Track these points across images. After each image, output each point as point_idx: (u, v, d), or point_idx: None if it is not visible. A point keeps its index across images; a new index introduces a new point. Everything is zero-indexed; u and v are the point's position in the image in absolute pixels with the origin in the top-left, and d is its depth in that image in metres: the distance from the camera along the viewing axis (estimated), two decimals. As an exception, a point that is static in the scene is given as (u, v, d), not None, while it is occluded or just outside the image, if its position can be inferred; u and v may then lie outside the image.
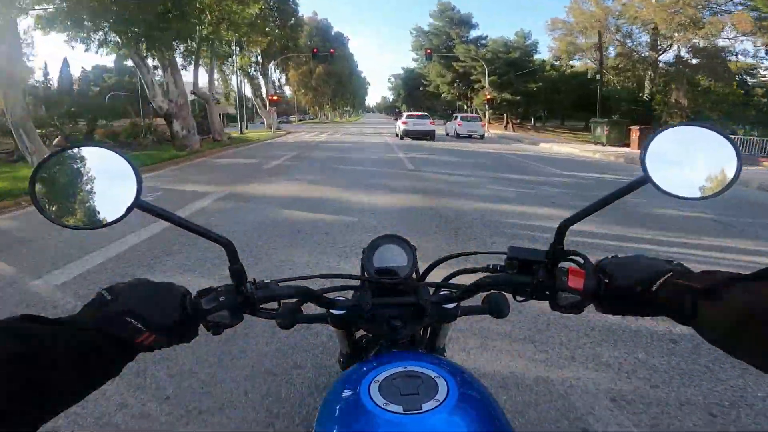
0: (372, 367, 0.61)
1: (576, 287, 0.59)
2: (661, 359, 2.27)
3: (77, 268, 3.55)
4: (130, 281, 0.55)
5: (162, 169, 10.68)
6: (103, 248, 3.99)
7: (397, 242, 0.81)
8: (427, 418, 0.50)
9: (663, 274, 0.53)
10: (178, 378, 2.08)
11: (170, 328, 0.53)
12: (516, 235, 4.75)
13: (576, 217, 0.60)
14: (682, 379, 2.10)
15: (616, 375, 2.14)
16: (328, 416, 0.57)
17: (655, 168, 0.54)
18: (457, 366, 0.64)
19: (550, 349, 2.37)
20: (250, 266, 1.56)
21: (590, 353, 2.33)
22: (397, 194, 7.10)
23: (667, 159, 0.55)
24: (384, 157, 14.18)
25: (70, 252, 3.93)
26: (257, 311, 0.65)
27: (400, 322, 0.71)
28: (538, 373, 2.15)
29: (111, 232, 3.76)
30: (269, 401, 1.92)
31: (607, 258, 0.62)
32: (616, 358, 2.28)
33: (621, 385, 2.05)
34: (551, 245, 0.62)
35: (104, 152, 0.55)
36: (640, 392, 2.00)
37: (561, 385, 2.05)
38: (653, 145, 0.55)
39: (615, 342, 2.44)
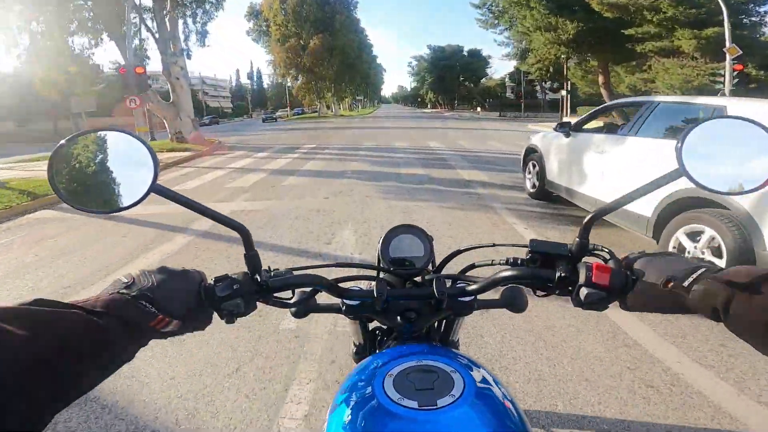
0: (386, 361, 0.60)
1: (601, 283, 0.56)
2: None
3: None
4: (149, 269, 0.56)
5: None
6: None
7: (414, 232, 0.82)
8: (443, 414, 0.49)
9: (696, 270, 0.51)
10: None
11: (184, 315, 0.54)
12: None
13: (602, 211, 0.60)
14: None
15: None
16: (342, 410, 0.56)
17: (691, 161, 0.53)
18: (472, 360, 0.63)
19: None
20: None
21: None
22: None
23: (704, 152, 0.54)
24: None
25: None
26: (271, 300, 0.65)
27: (415, 314, 0.70)
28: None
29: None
30: None
31: (633, 254, 0.59)
32: None
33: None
34: (575, 239, 0.61)
35: (121, 136, 0.55)
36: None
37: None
38: (690, 138, 0.54)
39: None
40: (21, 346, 0.37)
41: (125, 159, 0.55)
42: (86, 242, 4.36)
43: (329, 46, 39.74)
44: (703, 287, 0.49)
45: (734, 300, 0.46)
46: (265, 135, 21.84)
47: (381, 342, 0.87)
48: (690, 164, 0.53)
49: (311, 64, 39.80)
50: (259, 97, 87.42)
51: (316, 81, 42.84)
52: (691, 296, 0.50)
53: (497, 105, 46.11)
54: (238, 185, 7.36)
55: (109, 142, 0.55)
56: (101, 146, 0.55)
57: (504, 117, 37.37)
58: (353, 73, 47.70)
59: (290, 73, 42.71)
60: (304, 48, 40.26)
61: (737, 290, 0.46)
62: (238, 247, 0.82)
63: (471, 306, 0.71)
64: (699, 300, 0.49)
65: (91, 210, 0.56)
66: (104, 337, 0.45)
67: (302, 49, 40.17)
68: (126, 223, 4.90)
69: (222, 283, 0.59)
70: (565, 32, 17.59)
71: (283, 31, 39.98)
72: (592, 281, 0.57)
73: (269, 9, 41.11)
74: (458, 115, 44.23)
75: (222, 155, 12.31)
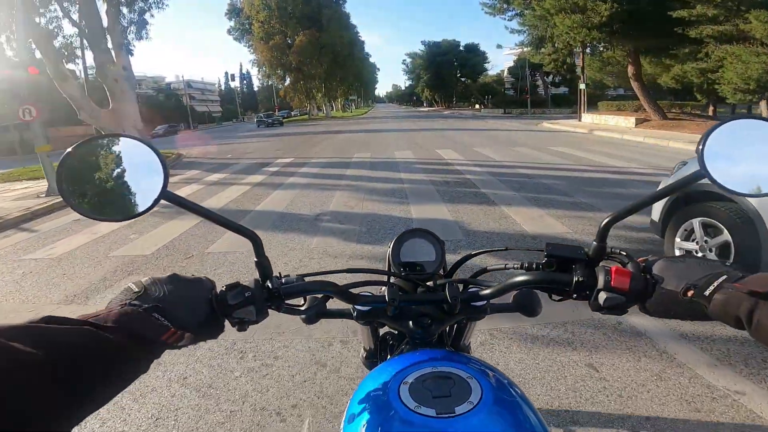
0: (401, 368, 0.59)
1: (621, 287, 0.55)
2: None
3: None
4: (160, 277, 0.55)
5: None
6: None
7: (425, 236, 0.82)
8: (462, 422, 0.48)
9: (717, 278, 0.50)
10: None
11: (197, 325, 0.53)
12: None
13: (620, 215, 0.58)
14: None
15: None
16: (357, 417, 0.54)
17: (713, 162, 0.52)
18: (488, 365, 0.62)
19: None
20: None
21: None
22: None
23: (727, 153, 0.53)
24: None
25: None
26: (283, 307, 0.64)
27: (429, 319, 0.69)
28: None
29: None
30: None
31: (651, 257, 0.59)
32: None
33: None
34: (593, 243, 0.60)
35: (131, 142, 0.54)
36: None
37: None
38: (711, 139, 0.53)
39: None
40: (37, 366, 0.37)
41: (134, 165, 0.54)
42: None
43: (317, 43, 36.42)
44: (725, 296, 0.48)
45: (758, 309, 0.45)
46: (240, 143, 18.63)
47: (392, 347, 0.85)
48: (711, 166, 0.52)
49: (298, 63, 36.45)
50: (250, 100, 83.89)
51: (305, 80, 39.48)
52: (712, 305, 0.49)
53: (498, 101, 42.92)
54: (116, 266, 4.24)
55: (117, 149, 0.55)
56: (109, 153, 0.55)
57: (509, 115, 34.29)
58: (344, 71, 44.31)
59: (276, 73, 39.40)
60: (290, 46, 36.99)
61: (760, 299, 0.45)
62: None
63: (484, 311, 0.70)
64: (720, 309, 0.48)
65: (101, 218, 0.55)
66: (117, 353, 0.44)
67: (288, 47, 36.88)
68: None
69: (233, 291, 0.58)
70: (597, 14, 14.43)
71: (267, 29, 36.70)
72: (611, 285, 0.56)
73: (250, 6, 37.87)
74: (458, 114, 40.92)
75: (179, 174, 9.17)
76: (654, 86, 20.24)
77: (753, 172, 0.53)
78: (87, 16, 11.02)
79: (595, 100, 28.99)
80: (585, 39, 16.19)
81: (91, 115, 11.01)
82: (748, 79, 10.93)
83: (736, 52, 11.46)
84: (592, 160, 8.48)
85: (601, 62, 21.78)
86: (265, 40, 36.55)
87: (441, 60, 54.78)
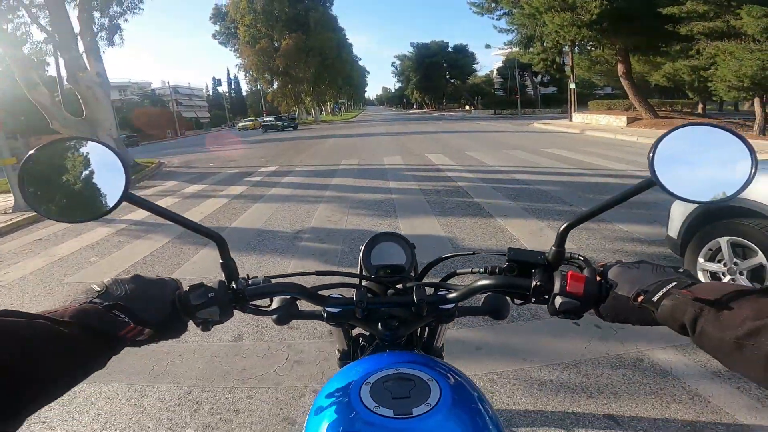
0: (365, 368, 0.60)
1: (575, 292, 0.56)
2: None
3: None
4: (123, 278, 0.56)
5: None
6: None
7: (396, 240, 0.83)
8: (417, 423, 0.49)
9: (666, 284, 0.51)
10: None
11: (158, 323, 0.53)
12: None
13: (578, 220, 0.59)
14: None
15: None
16: (318, 417, 0.55)
17: (663, 170, 0.52)
18: (452, 369, 0.63)
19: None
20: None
21: None
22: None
23: (677, 160, 0.53)
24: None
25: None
26: (248, 308, 0.65)
27: (397, 322, 0.69)
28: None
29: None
30: None
31: (610, 262, 0.60)
32: None
33: None
34: (552, 248, 0.61)
35: (93, 145, 0.55)
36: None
37: None
38: (662, 146, 0.53)
39: None
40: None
41: (96, 168, 0.55)
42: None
43: (304, 46, 35.97)
44: (672, 303, 0.49)
45: (701, 316, 0.46)
46: (224, 151, 18.13)
47: (363, 349, 0.86)
48: (663, 173, 0.52)
49: (286, 67, 35.95)
50: (239, 105, 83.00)
51: (293, 84, 38.97)
52: (660, 311, 0.50)
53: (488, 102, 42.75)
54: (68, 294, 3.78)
55: (82, 151, 0.55)
56: (71, 156, 0.55)
57: (499, 115, 34.14)
58: (333, 74, 43.85)
59: (264, 77, 38.86)
60: (276, 49, 36.51)
61: (705, 306, 0.46)
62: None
63: (452, 314, 0.70)
64: (668, 315, 0.49)
65: (63, 219, 0.56)
66: (70, 345, 0.44)
67: (275, 50, 36.40)
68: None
69: (197, 292, 0.59)
70: (587, 12, 14.15)
71: (253, 32, 36.22)
72: (567, 290, 0.56)
73: (236, 9, 37.37)
74: (448, 115, 40.68)
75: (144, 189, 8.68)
76: (643, 84, 20.12)
77: (704, 178, 0.54)
78: (56, 22, 10.56)
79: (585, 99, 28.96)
80: (575, 37, 15.99)
81: (64, 124, 10.53)
82: (742, 77, 10.71)
83: (729, 49, 11.25)
84: (588, 163, 8.17)
85: (590, 61, 21.65)
86: (251, 44, 36.07)
87: (430, 61, 54.68)
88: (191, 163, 14.04)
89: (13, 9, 10.18)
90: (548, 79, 40.25)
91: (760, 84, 10.80)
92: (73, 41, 10.68)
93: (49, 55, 12.29)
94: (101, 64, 11.50)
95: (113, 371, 2.31)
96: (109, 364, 0.50)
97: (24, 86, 9.79)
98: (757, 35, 10.83)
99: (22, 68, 9.69)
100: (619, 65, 17.58)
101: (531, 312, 2.65)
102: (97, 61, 11.34)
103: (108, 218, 6.73)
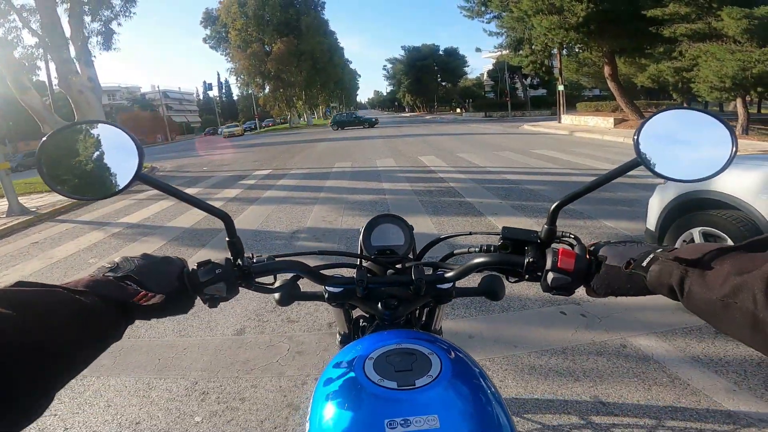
0: (367, 345, 0.61)
1: (566, 268, 0.58)
2: None
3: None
4: (132, 255, 0.57)
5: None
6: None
7: (395, 221, 0.85)
8: (421, 394, 0.51)
9: (653, 251, 0.53)
10: None
11: (167, 295, 0.54)
12: None
13: (568, 199, 0.61)
14: None
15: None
16: (323, 393, 0.56)
17: (648, 150, 0.55)
18: (451, 344, 0.64)
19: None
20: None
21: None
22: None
23: (661, 142, 0.56)
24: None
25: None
26: (253, 285, 0.66)
27: (396, 301, 0.71)
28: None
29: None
30: None
31: (600, 242, 0.61)
32: None
33: None
34: (544, 226, 0.63)
35: (108, 128, 0.57)
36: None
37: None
38: (646, 128, 0.56)
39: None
40: (7, 327, 0.37)
41: (110, 149, 0.57)
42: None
43: (296, 50, 36.02)
44: (659, 267, 0.50)
45: (687, 277, 0.46)
46: (215, 156, 18.12)
47: (364, 330, 0.88)
48: (648, 153, 0.55)
49: (277, 71, 35.96)
50: (230, 109, 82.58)
51: (285, 88, 38.99)
52: (649, 277, 0.51)
53: (479, 105, 43.05)
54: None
55: (95, 134, 0.57)
56: (87, 138, 0.57)
57: (490, 118, 34.44)
58: (325, 78, 43.92)
59: (255, 82, 38.83)
60: (268, 53, 36.53)
61: (690, 267, 0.47)
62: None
63: (450, 293, 0.71)
64: (656, 279, 0.50)
65: (78, 197, 0.57)
66: (87, 314, 0.44)
67: (266, 54, 36.41)
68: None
69: (205, 268, 0.60)
70: (574, 15, 14.43)
71: (244, 36, 36.18)
72: (558, 266, 0.58)
73: (227, 13, 37.32)
74: (440, 118, 40.96)
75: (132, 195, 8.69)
76: (629, 86, 20.49)
77: (687, 159, 0.56)
78: (48, 26, 10.54)
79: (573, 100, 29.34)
80: (562, 40, 16.27)
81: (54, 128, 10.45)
82: (723, 77, 10.99)
83: (710, 50, 11.54)
84: (576, 163, 8.36)
85: (577, 63, 22.00)
86: (243, 48, 36.05)
87: (421, 65, 54.87)
88: (184, 167, 14.05)
89: (4, 13, 10.15)
90: (538, 82, 40.66)
91: (741, 84, 11.09)
92: (64, 45, 10.67)
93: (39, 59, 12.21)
94: (93, 68, 11.50)
95: (120, 365, 2.40)
96: (116, 357, 0.55)
97: (15, 90, 9.75)
98: (737, 36, 11.14)
99: (13, 72, 9.66)
100: (605, 67, 17.90)
101: (521, 303, 2.79)
102: (89, 65, 11.34)
103: (104, 221, 6.80)
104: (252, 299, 3.05)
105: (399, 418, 0.49)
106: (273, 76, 37.20)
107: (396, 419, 0.48)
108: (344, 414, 0.52)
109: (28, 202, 8.45)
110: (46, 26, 10.55)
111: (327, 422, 0.52)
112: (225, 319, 2.85)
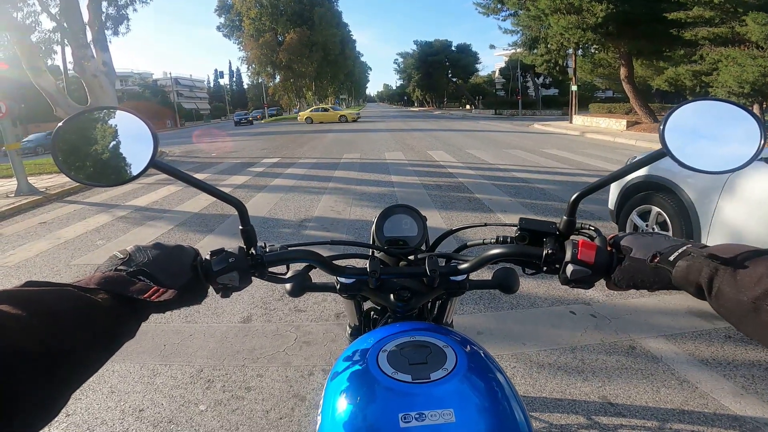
0: (380, 337, 0.60)
1: (586, 260, 0.56)
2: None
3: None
4: (145, 245, 0.56)
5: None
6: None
7: (408, 212, 0.83)
8: (436, 387, 0.50)
9: (681, 245, 0.51)
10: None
11: (181, 287, 0.53)
12: None
13: (588, 190, 0.60)
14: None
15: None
16: (336, 386, 0.56)
17: (674, 141, 0.54)
18: (465, 337, 0.63)
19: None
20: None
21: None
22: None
23: (687, 133, 0.55)
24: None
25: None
26: (266, 275, 0.65)
27: (409, 293, 0.70)
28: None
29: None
30: None
31: (621, 233, 0.59)
32: None
33: None
34: (563, 217, 0.61)
35: (123, 115, 0.57)
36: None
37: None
38: (672, 119, 0.55)
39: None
40: (18, 327, 0.36)
41: (125, 135, 0.56)
42: None
43: (308, 41, 35.90)
44: (687, 263, 0.48)
45: (717, 276, 0.44)
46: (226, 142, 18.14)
47: (375, 322, 0.86)
48: (673, 144, 0.53)
49: (288, 61, 35.90)
50: (239, 98, 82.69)
51: (295, 79, 38.88)
52: (676, 272, 0.49)
53: (489, 102, 42.69)
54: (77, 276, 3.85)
55: (111, 121, 0.57)
56: (102, 125, 0.57)
57: (500, 115, 34.17)
58: (335, 70, 43.76)
59: (266, 71, 38.78)
60: (280, 43, 36.44)
61: (721, 266, 0.44)
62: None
63: (463, 286, 0.70)
64: (683, 276, 0.48)
65: (92, 183, 0.57)
66: (99, 313, 0.43)
67: (278, 44, 36.33)
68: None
69: (218, 257, 0.59)
70: (592, 15, 14.18)
71: (257, 26, 36.13)
72: (578, 258, 0.56)
73: (242, 2, 37.24)
74: (449, 114, 40.63)
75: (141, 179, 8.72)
76: (644, 89, 20.21)
77: (713, 150, 0.54)
78: (67, 11, 10.51)
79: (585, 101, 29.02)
80: (579, 40, 16.03)
81: (67, 111, 10.51)
82: (743, 82, 10.80)
83: (731, 55, 11.34)
84: (587, 164, 8.26)
85: (592, 64, 21.70)
86: (255, 37, 36.00)
87: (432, 60, 54.45)
88: (192, 153, 14.08)
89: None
90: (550, 81, 40.26)
91: (760, 90, 10.90)
92: (81, 31, 10.66)
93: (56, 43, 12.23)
94: (108, 53, 11.49)
95: (125, 350, 2.34)
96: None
97: (30, 73, 9.79)
98: (760, 42, 10.94)
99: (29, 56, 9.69)
100: (621, 69, 17.64)
101: (530, 301, 2.75)
102: (104, 50, 11.33)
103: (113, 203, 6.83)
104: (259, 287, 3.04)
105: (413, 411, 0.48)
106: (284, 66, 37.14)
107: (410, 413, 0.48)
108: (357, 407, 0.51)
109: (37, 183, 8.50)
110: (65, 10, 10.55)
111: (340, 415, 0.51)
112: (232, 307, 2.84)
